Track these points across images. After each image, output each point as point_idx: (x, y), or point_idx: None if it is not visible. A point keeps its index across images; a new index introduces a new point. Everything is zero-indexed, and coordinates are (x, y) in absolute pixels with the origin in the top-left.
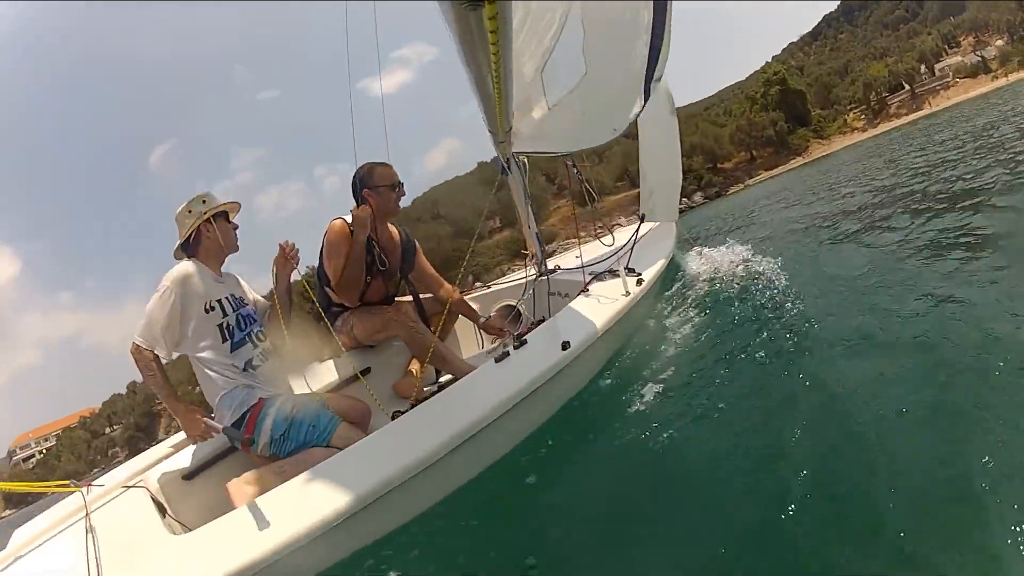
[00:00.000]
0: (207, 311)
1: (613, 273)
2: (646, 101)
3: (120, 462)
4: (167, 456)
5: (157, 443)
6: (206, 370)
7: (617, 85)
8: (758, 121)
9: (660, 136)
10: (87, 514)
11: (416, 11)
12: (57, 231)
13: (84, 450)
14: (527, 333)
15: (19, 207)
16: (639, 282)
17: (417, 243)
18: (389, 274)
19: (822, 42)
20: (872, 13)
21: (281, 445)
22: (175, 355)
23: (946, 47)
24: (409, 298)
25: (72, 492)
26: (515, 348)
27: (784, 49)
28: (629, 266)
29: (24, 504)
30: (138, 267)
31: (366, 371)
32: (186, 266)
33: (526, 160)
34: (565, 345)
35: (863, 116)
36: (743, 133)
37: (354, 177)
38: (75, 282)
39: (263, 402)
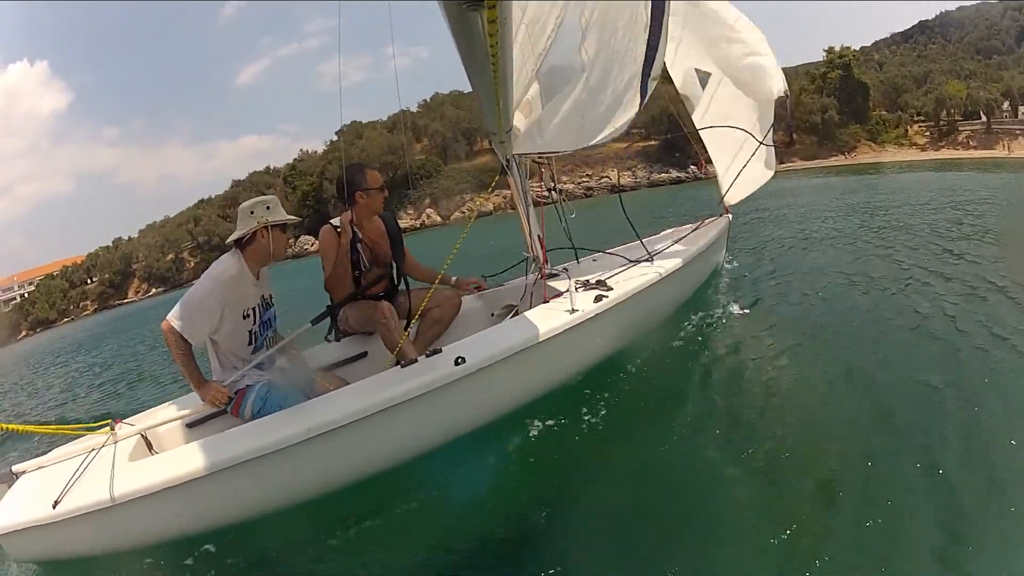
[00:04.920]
0: (244, 317)
1: (601, 284)
2: (643, 101)
3: (89, 315)
4: (184, 411)
5: (168, 397)
6: (221, 357)
7: (618, 87)
8: (806, 103)
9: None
10: (93, 449)
11: None
12: (113, 67)
13: (59, 299)
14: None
15: (78, 40)
16: (598, 298)
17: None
18: (382, 264)
19: (911, 46)
20: (968, 33)
21: (259, 418)
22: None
23: None
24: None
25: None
26: (427, 356)
27: (874, 43)
28: (602, 280)
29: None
30: (188, 113)
31: (363, 355)
32: (233, 267)
33: (527, 162)
34: (459, 360)
35: (928, 133)
36: (785, 111)
37: (343, 177)
38: (123, 119)
39: (249, 387)
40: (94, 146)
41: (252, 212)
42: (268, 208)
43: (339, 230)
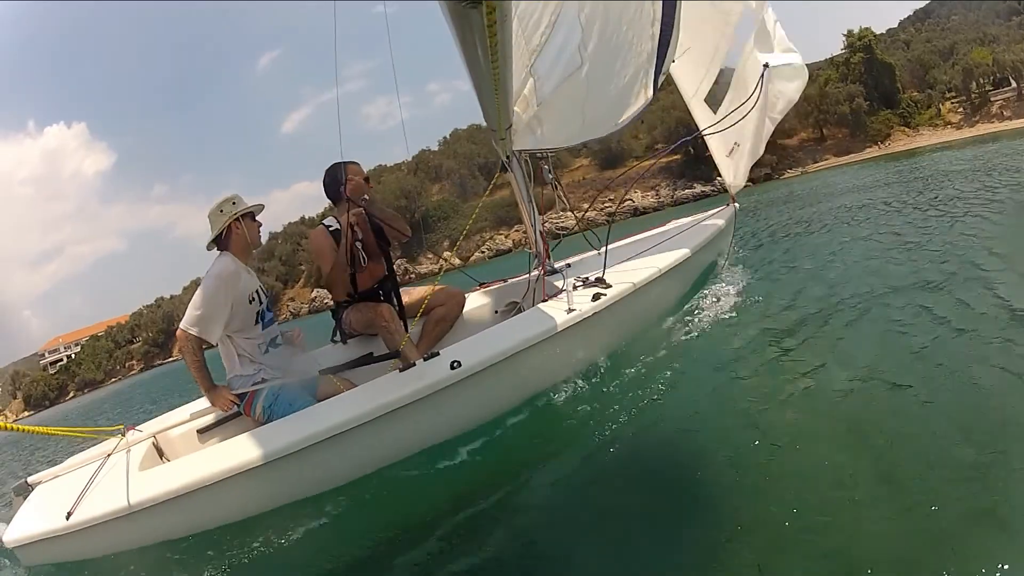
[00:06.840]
0: (250, 302)
1: (600, 281)
2: (655, 93)
3: (136, 374)
4: (194, 416)
5: (184, 405)
6: (234, 350)
7: (622, 81)
8: (832, 93)
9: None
10: (107, 455)
11: None
12: (154, 127)
13: (105, 360)
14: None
15: (122, 104)
16: (596, 297)
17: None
18: (372, 255)
19: (934, 20)
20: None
21: (269, 416)
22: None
23: None
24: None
25: (104, 439)
26: (424, 360)
27: (899, 23)
28: (601, 276)
29: (43, 407)
30: (235, 165)
31: (369, 355)
32: (230, 264)
33: (528, 158)
34: (454, 364)
35: (961, 110)
36: (811, 105)
37: (326, 178)
38: (171, 176)
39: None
40: (145, 204)
41: (222, 211)
42: (234, 204)
43: (331, 229)
